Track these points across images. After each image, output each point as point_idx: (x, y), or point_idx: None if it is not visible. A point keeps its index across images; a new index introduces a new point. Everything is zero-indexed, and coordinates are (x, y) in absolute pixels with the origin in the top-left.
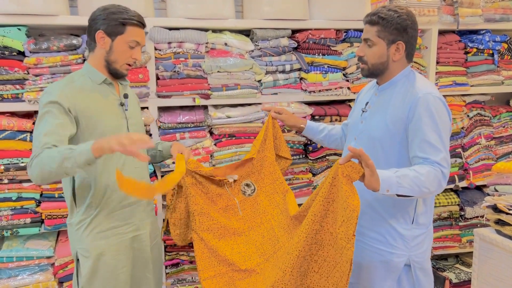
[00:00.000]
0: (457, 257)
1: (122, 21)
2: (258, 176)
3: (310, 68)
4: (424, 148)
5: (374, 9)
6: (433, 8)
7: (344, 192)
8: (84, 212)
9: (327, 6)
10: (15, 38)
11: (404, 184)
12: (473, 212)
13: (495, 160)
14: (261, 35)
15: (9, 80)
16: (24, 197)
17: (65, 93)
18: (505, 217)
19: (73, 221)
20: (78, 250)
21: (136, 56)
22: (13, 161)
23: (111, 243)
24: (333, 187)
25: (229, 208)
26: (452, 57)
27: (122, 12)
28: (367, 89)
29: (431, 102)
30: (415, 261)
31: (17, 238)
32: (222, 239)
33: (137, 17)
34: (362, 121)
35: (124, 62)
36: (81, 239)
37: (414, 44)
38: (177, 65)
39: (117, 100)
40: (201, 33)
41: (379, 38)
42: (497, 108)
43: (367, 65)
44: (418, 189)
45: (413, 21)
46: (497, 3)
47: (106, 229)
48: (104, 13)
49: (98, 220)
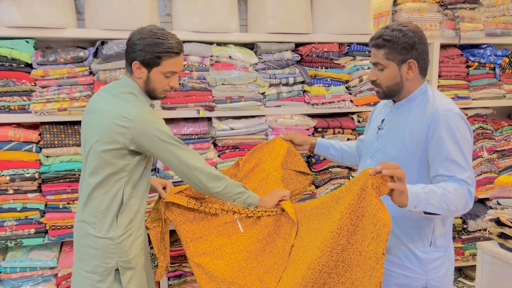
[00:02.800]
0: (460, 270)
1: (158, 54)
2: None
3: (313, 81)
4: (448, 166)
5: (378, 32)
6: (435, 23)
7: (374, 205)
8: (127, 226)
9: (330, 20)
10: (23, 51)
11: (432, 201)
12: (476, 226)
13: (497, 173)
14: (265, 49)
15: (17, 92)
16: (28, 208)
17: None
18: (508, 231)
19: (112, 235)
20: (119, 263)
21: (173, 84)
22: (18, 172)
23: (141, 249)
24: (362, 200)
25: (228, 225)
26: (454, 71)
27: (159, 45)
28: (382, 105)
29: (452, 119)
30: (432, 285)
31: (21, 248)
32: (220, 260)
33: (175, 48)
34: (378, 139)
35: (162, 90)
36: (123, 252)
37: (426, 58)
38: (182, 77)
39: None
40: (206, 46)
41: (389, 61)
42: (499, 122)
43: (381, 88)
44: (446, 207)
45: (420, 36)
46: (498, 18)
47: (138, 236)
48: (141, 43)
49: (136, 233)
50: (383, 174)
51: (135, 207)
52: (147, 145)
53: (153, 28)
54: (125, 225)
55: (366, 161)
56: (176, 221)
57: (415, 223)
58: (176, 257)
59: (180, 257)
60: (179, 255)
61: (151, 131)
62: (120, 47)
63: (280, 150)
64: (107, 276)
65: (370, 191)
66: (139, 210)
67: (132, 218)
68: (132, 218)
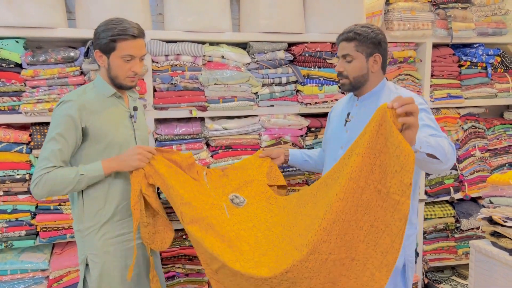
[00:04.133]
0: (453, 269)
1: (111, 38)
2: (249, 193)
3: (306, 81)
4: (426, 130)
5: (348, 28)
6: (427, 22)
7: (396, 137)
8: (94, 219)
9: (323, 19)
10: (13, 51)
11: (431, 143)
12: (468, 224)
13: (489, 172)
14: (257, 48)
15: (6, 92)
16: (19, 209)
17: (78, 104)
18: (501, 229)
19: (81, 227)
20: (88, 256)
21: (134, 69)
22: (8, 173)
23: (119, 249)
24: (379, 136)
25: (215, 207)
26: (446, 70)
27: (111, 29)
28: (342, 104)
29: (420, 101)
30: (409, 260)
31: (11, 250)
32: (210, 230)
33: (128, 30)
34: (347, 130)
35: (125, 76)
36: (91, 245)
37: (386, 57)
38: (174, 77)
39: (127, 112)
40: (198, 46)
41: (358, 52)
42: (491, 121)
43: (348, 79)
44: (442, 150)
45: (384, 35)
46: (489, 17)
47: (115, 236)
48: (97, 31)
49: (107, 227)
50: (395, 110)
51: (100, 199)
52: None
53: (111, 18)
54: (93, 217)
55: (337, 152)
56: (164, 185)
57: None
58: (169, 258)
59: (173, 258)
60: (171, 256)
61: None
62: None
63: (263, 163)
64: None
65: (390, 124)
66: (106, 203)
67: (98, 210)
68: (99, 210)
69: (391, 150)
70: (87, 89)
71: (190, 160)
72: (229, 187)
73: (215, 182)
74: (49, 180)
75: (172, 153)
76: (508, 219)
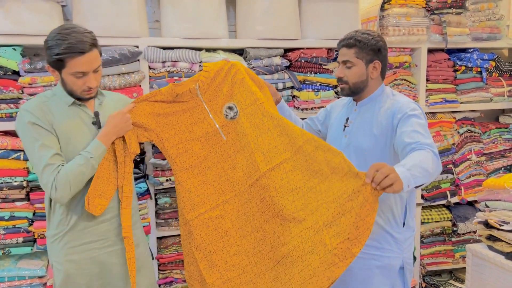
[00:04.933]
0: (450, 272)
1: (58, 57)
2: (238, 97)
3: (302, 86)
4: (413, 135)
5: (349, 34)
6: (422, 28)
7: (365, 211)
8: (57, 226)
9: (319, 25)
10: (10, 58)
11: (416, 174)
12: (465, 228)
13: (486, 176)
14: (254, 54)
15: (4, 100)
16: (16, 216)
17: (42, 112)
18: (497, 233)
19: (48, 234)
20: (53, 263)
21: (89, 84)
22: (6, 180)
23: (84, 257)
24: (349, 201)
25: (211, 135)
26: (441, 75)
27: (57, 45)
28: (340, 106)
29: (413, 107)
30: (407, 263)
31: (9, 257)
32: (208, 170)
33: (75, 46)
34: (345, 135)
35: (80, 91)
36: (55, 252)
37: (386, 64)
38: (171, 83)
39: (89, 118)
40: (195, 52)
41: (358, 59)
42: (487, 125)
43: (348, 85)
44: (426, 173)
45: (384, 42)
46: (484, 22)
47: (79, 244)
48: (45, 45)
49: (70, 235)
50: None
51: (62, 207)
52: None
53: (61, 28)
54: (56, 225)
55: None
56: (157, 139)
57: (389, 206)
58: (167, 264)
59: (171, 263)
60: (169, 261)
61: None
62: (109, 54)
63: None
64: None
65: (366, 197)
66: (67, 211)
67: (61, 218)
68: (62, 219)
69: (353, 218)
70: (48, 95)
71: (177, 89)
72: (222, 96)
73: (209, 93)
74: (64, 178)
75: (154, 95)
76: (504, 223)
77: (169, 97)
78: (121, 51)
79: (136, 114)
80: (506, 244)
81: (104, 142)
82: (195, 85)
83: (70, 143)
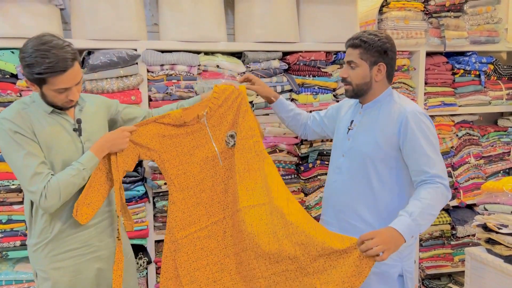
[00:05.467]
0: (450, 276)
1: (38, 76)
2: (239, 128)
3: (301, 90)
4: (423, 162)
5: (356, 34)
6: (420, 31)
7: (350, 272)
8: (39, 235)
9: (317, 28)
10: (8, 61)
11: (421, 222)
12: (464, 231)
13: (484, 179)
14: (252, 57)
15: (2, 103)
16: (14, 220)
17: (22, 119)
18: (495, 236)
19: (30, 242)
20: (37, 271)
21: (71, 97)
22: (3, 183)
23: (69, 264)
24: (340, 258)
25: (209, 159)
26: (440, 78)
27: (37, 64)
28: (347, 107)
29: (420, 118)
30: (407, 271)
31: (6, 261)
32: (203, 193)
33: (56, 65)
34: (349, 138)
35: (62, 103)
36: (39, 261)
37: (393, 66)
38: (170, 87)
39: (71, 125)
40: (194, 55)
41: (362, 60)
42: (486, 128)
43: (351, 86)
44: (432, 217)
45: (392, 44)
46: (482, 25)
47: (63, 252)
48: (23, 62)
49: (53, 244)
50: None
51: (44, 214)
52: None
53: (39, 43)
54: (38, 234)
55: (338, 159)
56: (159, 160)
57: (389, 213)
58: None
59: None
60: None
61: None
62: (107, 57)
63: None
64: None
65: (354, 260)
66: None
67: (44, 227)
68: (44, 227)
69: (341, 275)
70: (27, 102)
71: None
72: (225, 124)
73: (214, 119)
74: (55, 187)
75: (163, 117)
76: (503, 226)
77: (176, 121)
78: (120, 54)
79: (142, 134)
80: (505, 248)
81: (97, 154)
82: (203, 111)
83: (52, 150)
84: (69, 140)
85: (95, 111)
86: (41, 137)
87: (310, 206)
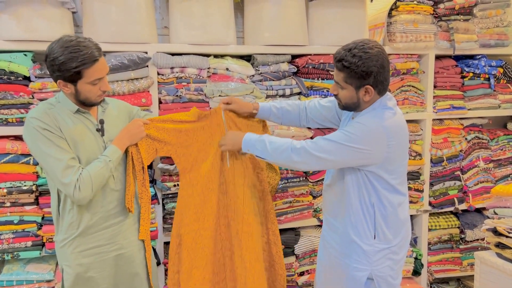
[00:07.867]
0: (458, 280)
1: (76, 70)
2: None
3: (309, 92)
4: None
5: (340, 53)
6: (429, 34)
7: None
8: (66, 231)
9: (326, 32)
10: (21, 64)
11: (259, 145)
12: (473, 235)
13: (494, 182)
14: (261, 60)
15: (14, 105)
16: (25, 220)
17: (49, 118)
18: (505, 240)
19: (57, 238)
20: (63, 267)
21: (104, 88)
22: (16, 184)
23: (93, 261)
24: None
25: (219, 159)
26: (449, 81)
27: (73, 59)
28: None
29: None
30: (378, 275)
31: (17, 261)
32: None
33: (90, 57)
34: None
35: (95, 97)
36: (65, 256)
37: (384, 81)
38: (180, 89)
39: (94, 126)
40: (203, 58)
41: (347, 84)
42: (495, 131)
43: (341, 102)
44: (268, 151)
45: (381, 60)
46: (491, 29)
47: (88, 248)
48: (56, 62)
49: (80, 240)
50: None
51: (72, 211)
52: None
53: (65, 41)
54: (65, 230)
55: None
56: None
57: (361, 218)
58: None
59: None
60: None
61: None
62: (118, 59)
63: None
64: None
65: None
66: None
67: (71, 222)
68: (71, 223)
69: None
70: (53, 103)
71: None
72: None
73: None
74: (87, 179)
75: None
76: None
77: (193, 118)
78: (130, 57)
79: (159, 129)
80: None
81: (119, 147)
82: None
83: (77, 147)
84: (92, 138)
85: (117, 115)
86: (67, 134)
87: (318, 209)
